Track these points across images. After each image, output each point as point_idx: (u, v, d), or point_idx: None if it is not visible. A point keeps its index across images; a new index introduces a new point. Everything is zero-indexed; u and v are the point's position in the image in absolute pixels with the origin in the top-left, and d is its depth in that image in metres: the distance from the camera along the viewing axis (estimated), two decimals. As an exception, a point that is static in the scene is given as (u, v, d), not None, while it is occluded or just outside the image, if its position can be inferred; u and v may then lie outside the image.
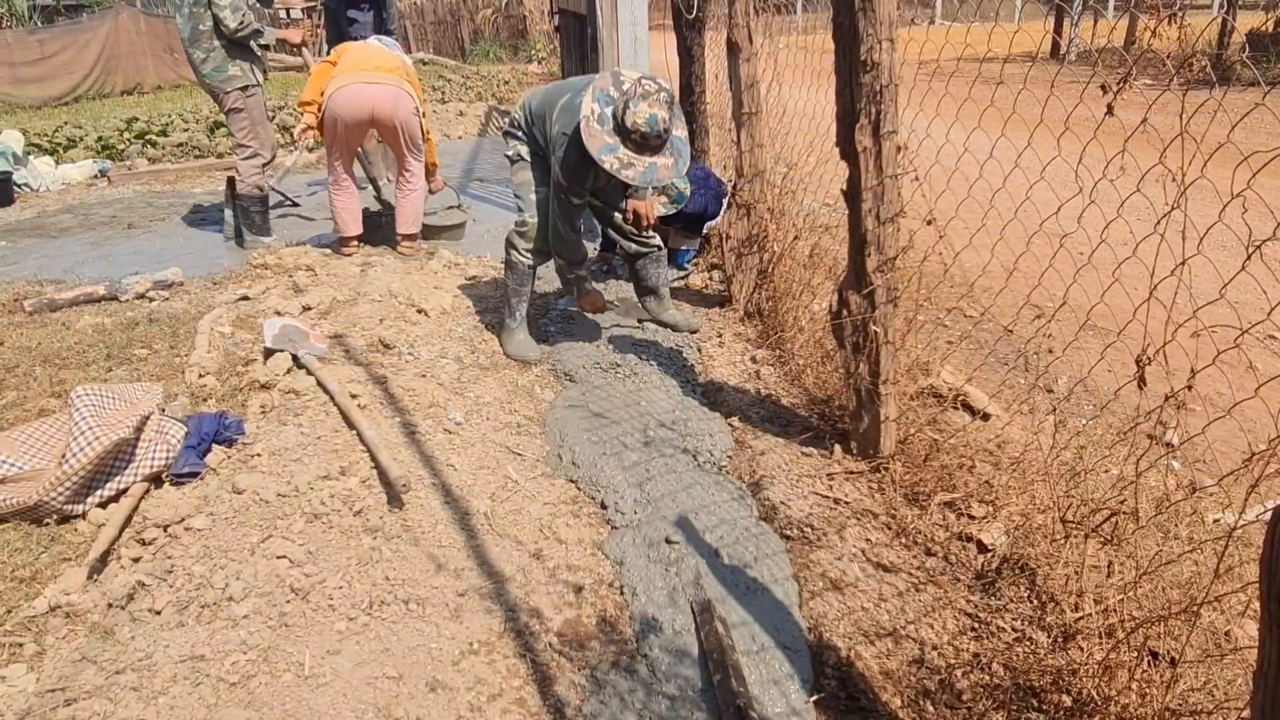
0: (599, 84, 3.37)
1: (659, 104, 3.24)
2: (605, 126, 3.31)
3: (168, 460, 2.82)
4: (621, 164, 3.29)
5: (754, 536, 2.62)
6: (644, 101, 3.23)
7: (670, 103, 3.31)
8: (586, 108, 3.32)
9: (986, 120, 2.45)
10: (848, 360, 2.85)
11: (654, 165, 3.33)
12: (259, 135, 5.62)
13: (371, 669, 2.06)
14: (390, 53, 5.26)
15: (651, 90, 3.26)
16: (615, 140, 3.30)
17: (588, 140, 3.28)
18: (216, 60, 5.37)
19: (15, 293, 4.96)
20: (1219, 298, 1.74)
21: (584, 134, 3.29)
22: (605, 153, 3.28)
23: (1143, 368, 1.91)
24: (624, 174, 3.30)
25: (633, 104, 3.24)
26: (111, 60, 16.06)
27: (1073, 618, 2.04)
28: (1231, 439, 2.88)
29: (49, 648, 2.13)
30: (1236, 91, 9.51)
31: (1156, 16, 1.80)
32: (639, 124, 3.23)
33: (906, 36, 2.57)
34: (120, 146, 9.83)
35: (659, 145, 3.32)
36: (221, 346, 3.95)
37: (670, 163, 3.38)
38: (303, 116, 5.20)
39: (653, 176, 3.35)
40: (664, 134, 3.28)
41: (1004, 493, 2.57)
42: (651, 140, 3.27)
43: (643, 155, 3.31)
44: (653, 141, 3.28)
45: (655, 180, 3.38)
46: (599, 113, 3.31)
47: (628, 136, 3.27)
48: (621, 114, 3.26)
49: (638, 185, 3.52)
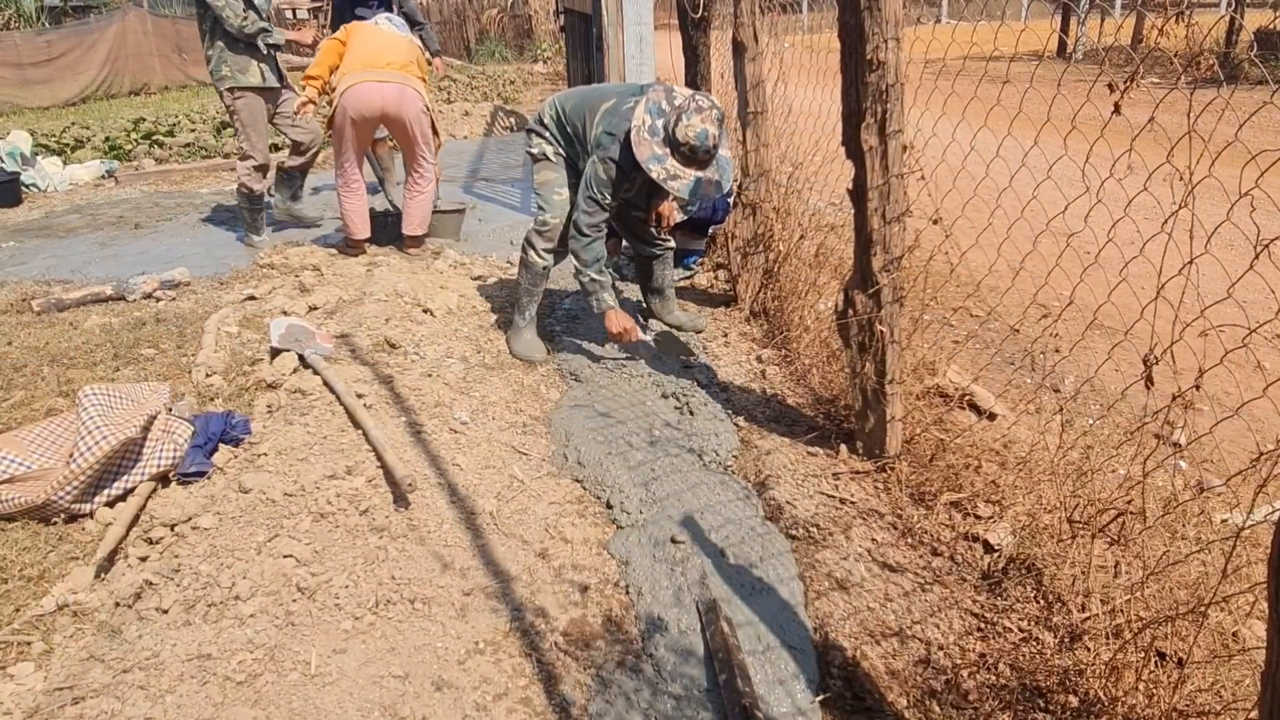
0: (652, 96, 3.43)
1: (711, 120, 3.30)
2: (655, 137, 3.36)
3: (175, 459, 2.83)
4: (668, 174, 3.35)
5: (759, 536, 2.61)
6: (697, 116, 3.29)
7: (721, 121, 3.35)
8: (638, 117, 3.38)
9: (993, 119, 2.45)
10: (853, 360, 2.84)
11: (699, 179, 3.38)
12: (249, 138, 5.62)
13: (378, 668, 2.06)
14: (399, 39, 5.23)
15: (705, 106, 3.32)
16: (665, 151, 3.36)
17: (637, 148, 3.34)
18: (214, 60, 5.40)
19: (23, 293, 4.98)
20: (1227, 297, 1.73)
21: (634, 142, 3.35)
22: (654, 162, 3.34)
23: (1150, 367, 1.90)
24: (670, 184, 3.35)
25: (686, 117, 3.29)
26: (119, 61, 16.12)
27: (1079, 618, 2.03)
28: (1239, 439, 2.87)
29: (57, 646, 2.14)
30: (1244, 90, 9.47)
31: (1164, 15, 1.79)
32: (690, 137, 3.28)
33: (912, 35, 2.57)
34: (127, 147, 9.86)
35: (706, 161, 3.37)
36: (228, 346, 3.97)
37: (716, 179, 3.42)
38: (305, 88, 5.17)
39: (698, 190, 3.40)
40: (713, 150, 3.34)
41: (1010, 492, 2.56)
42: (700, 154, 3.33)
43: (689, 168, 3.36)
44: (701, 156, 3.33)
45: (700, 195, 3.43)
46: (650, 124, 3.37)
47: (677, 148, 3.33)
48: (673, 126, 3.32)
49: (682, 197, 3.52)
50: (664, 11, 9.13)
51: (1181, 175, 1.73)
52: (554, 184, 3.83)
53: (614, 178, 3.54)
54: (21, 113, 13.65)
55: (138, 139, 10.23)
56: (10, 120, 12.47)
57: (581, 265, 3.71)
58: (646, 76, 6.05)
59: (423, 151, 5.22)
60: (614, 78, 6.40)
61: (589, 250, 3.68)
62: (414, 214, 5.36)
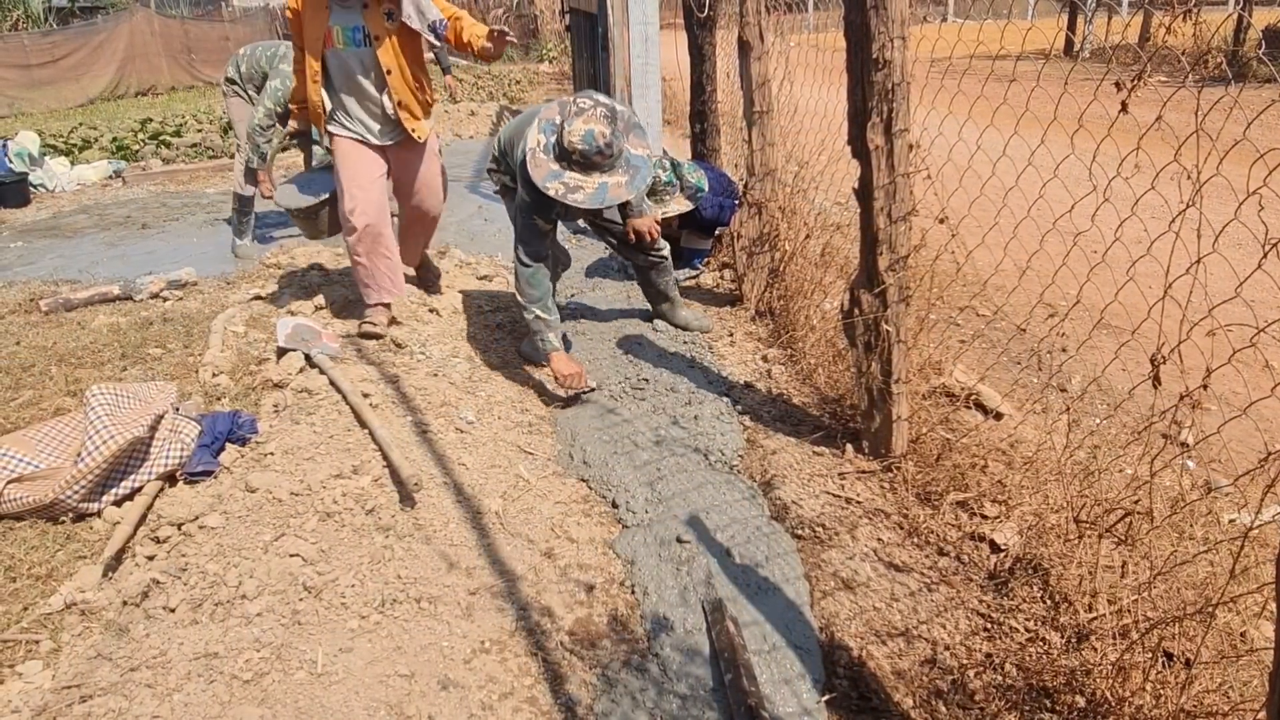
0: (544, 115, 3.26)
1: (595, 119, 3.08)
2: (549, 155, 3.18)
3: (182, 459, 2.84)
4: (568, 189, 3.14)
5: (765, 536, 2.61)
6: (578, 119, 3.09)
7: (611, 117, 3.14)
8: (532, 140, 3.20)
9: (999, 118, 2.44)
10: (859, 359, 2.84)
11: (605, 185, 3.16)
12: (240, 135, 5.70)
13: (384, 667, 2.07)
14: None
15: (586, 106, 3.11)
16: (559, 166, 3.16)
17: (533, 171, 3.15)
18: None
19: (31, 292, 5.01)
20: (1234, 296, 1.72)
21: (530, 167, 3.16)
22: (550, 180, 3.14)
23: (1157, 367, 1.90)
24: (572, 199, 3.14)
25: (568, 124, 3.10)
26: (126, 62, 16.18)
27: (1086, 618, 2.02)
28: (1247, 438, 2.86)
29: (65, 645, 2.15)
30: (1253, 88, 9.43)
31: (1171, 13, 1.78)
32: (575, 143, 3.08)
33: (918, 34, 2.56)
34: (135, 147, 9.91)
35: (605, 163, 3.16)
36: (235, 346, 3.98)
37: (624, 180, 3.20)
38: None
39: (604, 197, 3.17)
40: (606, 149, 3.11)
41: (1017, 492, 2.56)
42: (593, 158, 3.11)
43: (590, 175, 3.15)
44: (595, 159, 3.12)
45: (608, 200, 3.20)
46: (544, 143, 3.19)
47: (569, 159, 3.13)
48: (560, 136, 3.14)
49: (591, 208, 3.29)
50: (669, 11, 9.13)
51: (1189, 174, 1.72)
52: None
53: (535, 200, 3.33)
54: (29, 113, 13.71)
55: (145, 139, 10.27)
56: (18, 121, 12.53)
57: (526, 301, 3.46)
58: (652, 76, 6.05)
59: None
60: (619, 78, 6.40)
61: (533, 283, 3.44)
62: None
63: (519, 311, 3.53)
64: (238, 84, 5.62)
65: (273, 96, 5.32)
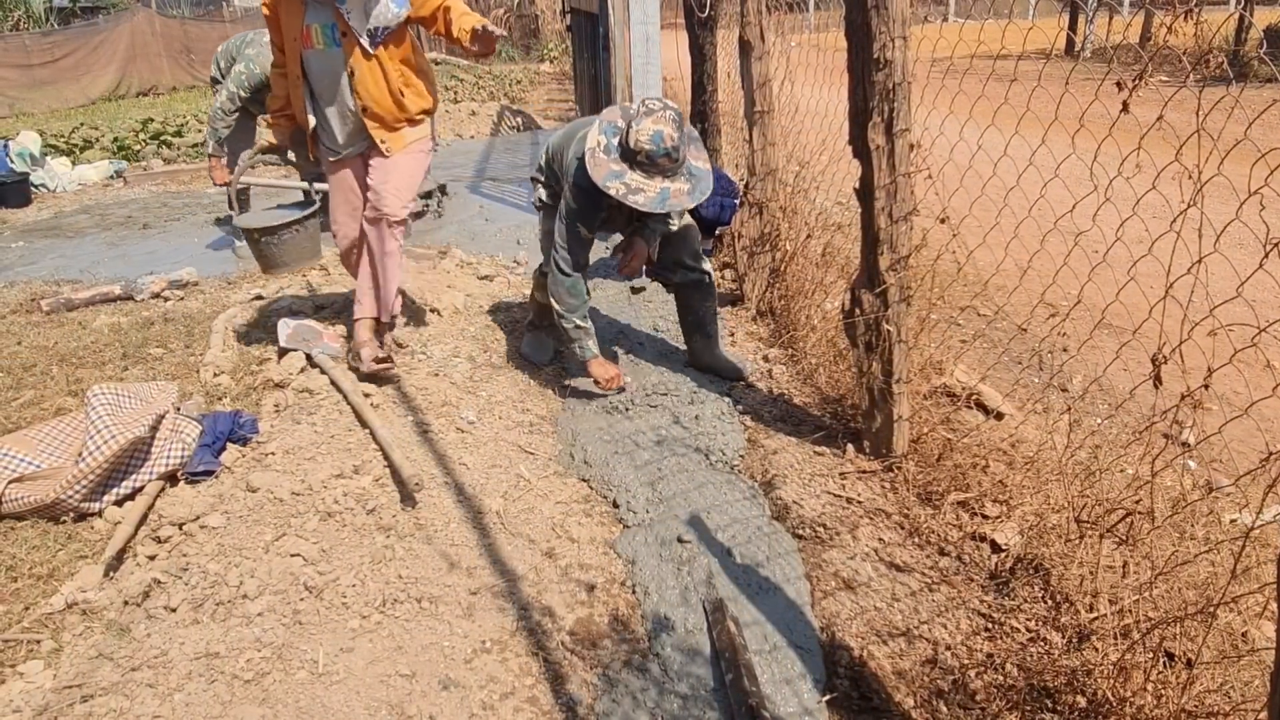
0: (605, 117, 3.18)
1: (665, 121, 2.99)
2: (611, 155, 3.07)
3: (183, 458, 2.84)
4: (629, 189, 3.02)
5: (766, 536, 2.61)
6: (648, 119, 2.99)
7: (678, 122, 3.04)
8: (592, 140, 3.11)
9: (1000, 118, 2.44)
10: (860, 359, 2.84)
11: (666, 190, 3.05)
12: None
13: (384, 667, 2.07)
14: None
15: (656, 108, 3.03)
16: (622, 166, 3.05)
17: (592, 170, 3.04)
18: None
19: (32, 292, 5.01)
20: (1236, 296, 1.72)
21: (588, 165, 3.06)
22: (611, 179, 3.02)
23: (1159, 367, 1.90)
24: (632, 199, 3.02)
25: (635, 123, 3.00)
26: (127, 62, 16.19)
27: (1088, 618, 2.02)
28: (1249, 438, 2.86)
29: (66, 645, 2.15)
30: (1254, 88, 9.42)
31: (1172, 12, 1.78)
32: (642, 141, 2.97)
33: (919, 34, 2.56)
34: (136, 147, 9.92)
35: (670, 168, 3.05)
36: (236, 346, 3.98)
37: (686, 188, 3.10)
38: None
39: (665, 202, 3.06)
40: (673, 153, 3.01)
41: (1018, 492, 2.55)
42: (659, 160, 3.00)
43: (652, 179, 3.04)
44: (660, 161, 3.01)
45: (668, 206, 3.08)
46: (605, 143, 3.10)
47: (634, 159, 3.02)
48: (626, 136, 3.03)
49: (650, 212, 3.13)
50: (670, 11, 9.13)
51: (1190, 174, 1.72)
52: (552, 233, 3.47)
53: (584, 205, 3.22)
54: (31, 114, 13.71)
55: (146, 139, 10.29)
56: (19, 121, 12.54)
57: (564, 310, 3.35)
58: (653, 76, 6.05)
59: None
60: (620, 78, 6.40)
61: (573, 292, 3.33)
62: None
63: (556, 320, 3.42)
64: (220, 82, 5.58)
65: (235, 80, 5.24)
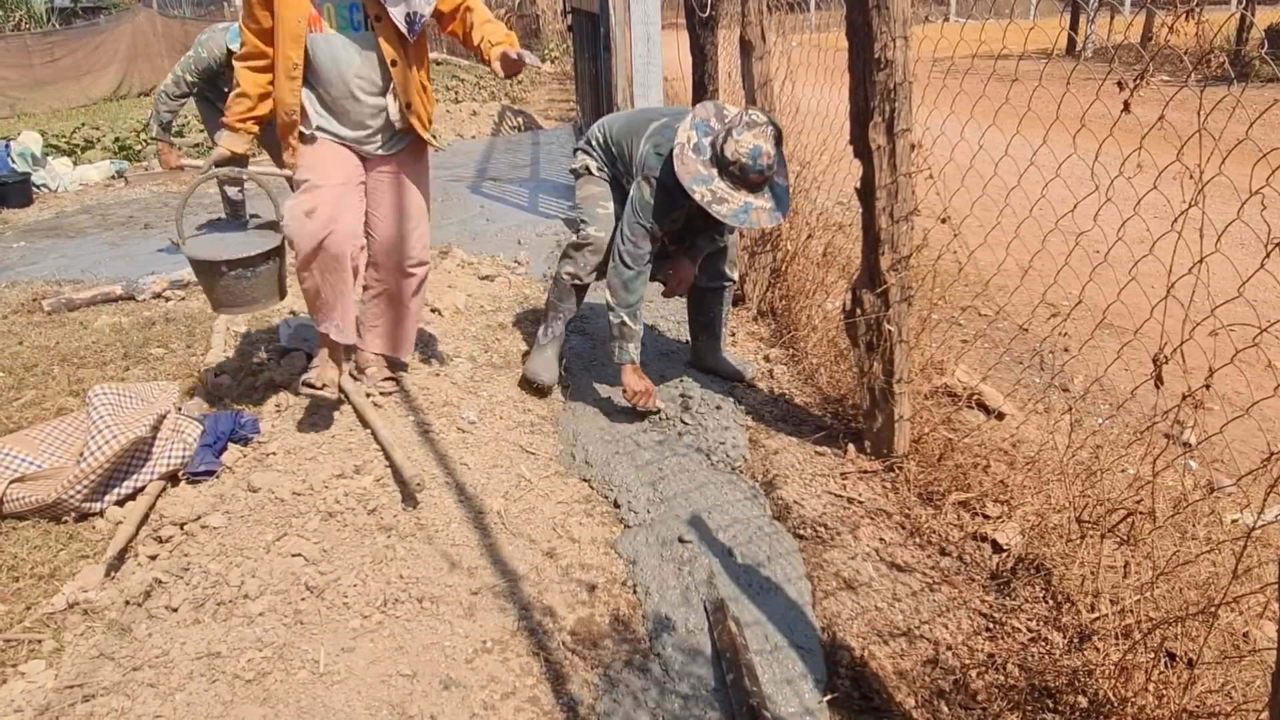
0: (699, 113, 3.06)
1: (765, 137, 2.90)
2: (702, 155, 2.97)
3: (184, 458, 2.84)
4: (714, 197, 2.94)
5: (767, 536, 2.61)
6: (749, 131, 2.89)
7: (778, 140, 2.98)
8: (683, 134, 3.00)
9: (1002, 118, 2.44)
10: (861, 359, 2.84)
11: (750, 205, 2.96)
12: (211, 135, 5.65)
13: (386, 666, 2.07)
14: None
15: (760, 121, 2.93)
16: (711, 171, 2.95)
17: (679, 167, 2.94)
18: None
19: (34, 292, 5.02)
20: (1237, 296, 1.72)
21: (676, 160, 2.96)
22: (697, 183, 2.94)
23: (1160, 366, 1.90)
24: (716, 209, 2.94)
25: (736, 132, 2.90)
26: (128, 62, 16.20)
27: (1089, 618, 2.02)
28: (1250, 438, 2.86)
29: (67, 644, 2.16)
30: (1255, 88, 9.41)
31: (1174, 12, 1.78)
32: (741, 155, 2.88)
33: (921, 33, 2.56)
34: (137, 147, 9.92)
35: (759, 183, 2.96)
36: (237, 346, 3.98)
37: (769, 207, 3.01)
38: None
39: (747, 218, 2.97)
40: (766, 170, 2.93)
41: (1019, 492, 2.55)
42: (751, 175, 2.91)
43: (739, 192, 2.95)
44: (752, 177, 2.92)
45: (749, 222, 2.99)
46: (696, 141, 2.99)
47: (725, 168, 2.93)
48: (722, 143, 2.92)
49: (729, 224, 3.07)
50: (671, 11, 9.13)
51: (1191, 173, 1.72)
52: (598, 197, 3.42)
53: (660, 201, 3.12)
54: (32, 114, 13.72)
55: (147, 139, 10.28)
56: (21, 121, 12.54)
57: (616, 303, 3.22)
58: (654, 76, 6.05)
59: None
60: (621, 78, 6.40)
61: (630, 287, 3.20)
62: None
63: (606, 314, 3.28)
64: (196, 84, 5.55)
65: (183, 64, 5.20)
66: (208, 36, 5.26)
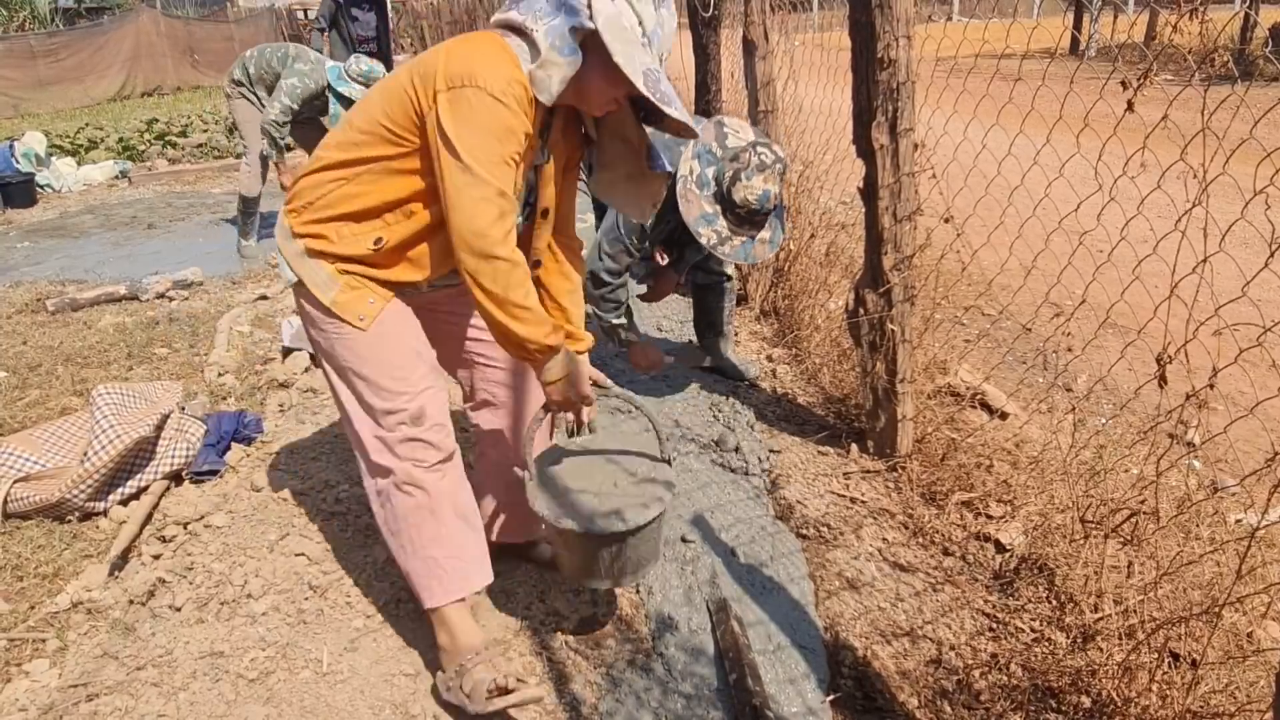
0: (703, 137, 2.96)
1: (774, 178, 2.85)
2: (705, 191, 2.90)
3: (187, 458, 2.84)
4: (719, 239, 2.91)
5: (770, 535, 2.61)
6: (759, 175, 2.83)
7: (784, 174, 2.93)
8: (685, 165, 2.91)
9: (1005, 117, 2.43)
10: (864, 359, 2.83)
11: (751, 242, 2.96)
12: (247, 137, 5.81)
13: (389, 666, 2.07)
14: None
15: (769, 162, 2.85)
16: (715, 210, 2.90)
17: (684, 206, 2.88)
18: None
19: (38, 292, 5.03)
20: (1241, 295, 1.72)
21: (680, 195, 2.88)
22: (703, 224, 2.89)
23: (1163, 366, 1.89)
24: (720, 250, 2.91)
25: (746, 176, 2.83)
26: (132, 63, 16.22)
27: (1092, 618, 2.02)
28: (1254, 438, 2.85)
29: (71, 644, 2.16)
30: (1259, 87, 9.39)
31: (1177, 11, 1.78)
32: (751, 200, 2.84)
33: (924, 33, 2.56)
34: (140, 148, 9.94)
35: (763, 222, 2.94)
36: (240, 345, 3.99)
37: (769, 237, 3.00)
38: None
39: (749, 253, 2.97)
40: (772, 209, 2.92)
41: (1022, 492, 2.55)
42: (757, 217, 2.90)
43: (742, 230, 2.93)
44: (757, 218, 2.91)
45: (751, 258, 3.01)
46: (699, 173, 2.91)
47: (732, 209, 2.88)
48: (729, 184, 2.86)
49: (733, 261, 3.06)
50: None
51: (1195, 173, 1.71)
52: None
53: (654, 223, 3.05)
54: (36, 114, 13.75)
55: (151, 139, 10.31)
56: (25, 121, 12.56)
57: (602, 311, 3.20)
58: (656, 75, 6.04)
59: None
60: (624, 77, 6.39)
61: (610, 297, 3.17)
62: None
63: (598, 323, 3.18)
64: (245, 85, 5.65)
65: (290, 94, 5.40)
66: (311, 69, 5.46)
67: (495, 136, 1.66)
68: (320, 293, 1.85)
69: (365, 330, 1.87)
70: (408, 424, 1.88)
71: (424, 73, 1.70)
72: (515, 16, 1.73)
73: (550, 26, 1.69)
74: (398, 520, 1.93)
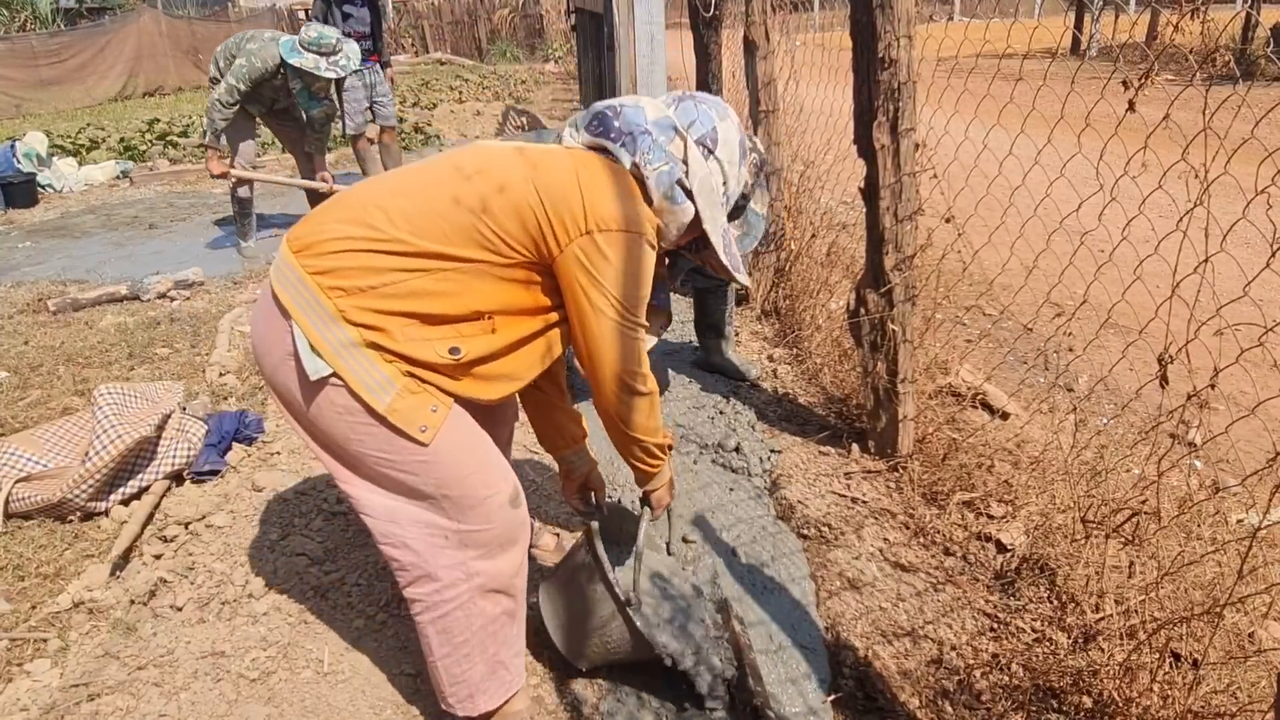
0: None
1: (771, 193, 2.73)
2: None
3: (189, 458, 2.85)
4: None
5: (771, 535, 2.61)
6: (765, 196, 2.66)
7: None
8: None
9: (1006, 117, 2.43)
10: (865, 359, 2.83)
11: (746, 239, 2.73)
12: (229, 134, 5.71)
13: (390, 666, 2.07)
14: None
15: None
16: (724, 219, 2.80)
17: None
18: None
19: (39, 292, 5.03)
20: (1243, 295, 1.71)
21: None
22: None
23: (1165, 366, 1.89)
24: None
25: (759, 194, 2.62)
26: (133, 63, 16.23)
27: (1093, 618, 2.02)
28: (1255, 438, 2.85)
29: (73, 643, 2.16)
30: (1260, 87, 9.38)
31: (1179, 11, 1.78)
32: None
33: (925, 33, 2.56)
34: (142, 148, 9.94)
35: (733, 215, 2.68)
36: (242, 345, 3.99)
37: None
38: None
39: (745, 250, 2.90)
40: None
41: (1023, 492, 2.55)
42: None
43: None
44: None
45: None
46: None
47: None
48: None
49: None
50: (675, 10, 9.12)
51: (1197, 173, 1.71)
52: None
53: None
54: (37, 114, 13.75)
55: (152, 140, 10.30)
56: (26, 121, 12.57)
57: None
58: (658, 76, 6.05)
59: None
60: (625, 77, 6.40)
61: None
62: None
63: None
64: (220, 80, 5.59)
65: (236, 73, 5.26)
66: (259, 46, 5.31)
67: (642, 280, 1.65)
68: (371, 396, 1.52)
69: (426, 444, 1.58)
70: (508, 505, 1.72)
71: (556, 197, 1.57)
72: (624, 154, 1.70)
73: (660, 174, 1.69)
74: (469, 629, 1.71)
